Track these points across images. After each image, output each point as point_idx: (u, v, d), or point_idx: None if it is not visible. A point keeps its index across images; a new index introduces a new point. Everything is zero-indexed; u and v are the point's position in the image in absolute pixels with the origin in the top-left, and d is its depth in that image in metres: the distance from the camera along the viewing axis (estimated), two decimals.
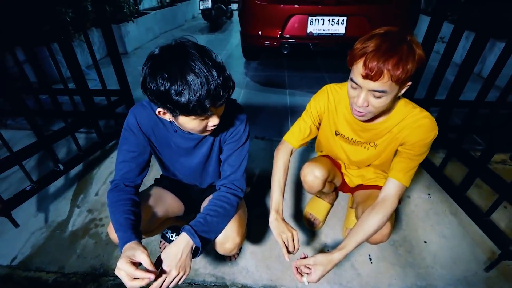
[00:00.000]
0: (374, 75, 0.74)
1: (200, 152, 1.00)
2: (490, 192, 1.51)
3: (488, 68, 1.31)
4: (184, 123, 0.78)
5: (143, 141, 0.95)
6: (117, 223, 0.83)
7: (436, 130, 0.91)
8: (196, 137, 0.95)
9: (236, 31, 5.16)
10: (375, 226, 0.89)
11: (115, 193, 0.90)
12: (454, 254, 1.31)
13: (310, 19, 2.39)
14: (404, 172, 0.94)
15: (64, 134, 1.51)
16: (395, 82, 0.75)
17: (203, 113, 0.72)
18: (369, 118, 0.90)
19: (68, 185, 1.70)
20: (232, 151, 0.97)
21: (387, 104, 0.83)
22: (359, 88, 0.81)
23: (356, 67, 0.78)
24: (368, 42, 0.76)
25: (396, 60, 0.72)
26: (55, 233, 1.47)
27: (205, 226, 0.86)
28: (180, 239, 0.82)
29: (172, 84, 0.67)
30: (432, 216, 1.45)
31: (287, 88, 2.80)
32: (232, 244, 0.95)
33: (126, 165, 0.94)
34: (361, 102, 0.82)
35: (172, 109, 0.71)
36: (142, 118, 0.92)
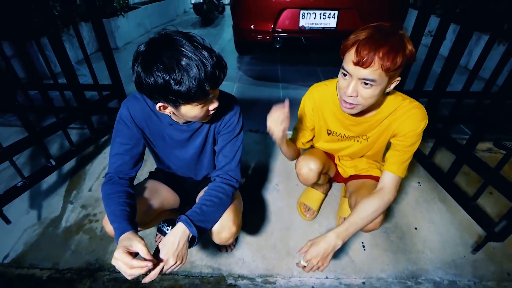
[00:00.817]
0: (365, 62, 0.75)
1: (195, 144, 1.01)
2: (476, 179, 1.56)
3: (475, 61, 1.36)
4: (186, 112, 0.78)
5: (137, 133, 0.94)
6: (112, 214, 0.83)
7: (426, 119, 0.94)
8: (190, 128, 0.95)
9: (229, 25, 5.13)
10: (370, 212, 0.92)
11: (110, 186, 0.90)
12: (443, 238, 1.35)
13: (302, 13, 2.40)
14: (398, 164, 0.97)
15: (55, 129, 1.48)
16: (385, 71, 0.77)
17: (205, 97, 0.74)
18: (357, 111, 0.90)
19: (61, 181, 1.68)
20: (226, 142, 0.98)
21: (375, 96, 0.84)
22: (349, 77, 0.83)
23: (348, 55, 0.80)
24: (361, 32, 0.78)
25: (387, 49, 0.74)
26: (48, 230, 1.45)
27: (201, 216, 0.87)
28: (177, 228, 0.83)
29: (170, 73, 0.67)
30: (422, 204, 1.50)
31: (280, 81, 2.81)
32: (228, 233, 0.96)
33: (120, 157, 0.94)
34: (351, 91, 0.83)
35: (174, 99, 0.72)
36: (135, 110, 0.91)
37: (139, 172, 1.02)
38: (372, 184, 1.14)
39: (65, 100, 1.78)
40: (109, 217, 0.84)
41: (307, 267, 0.90)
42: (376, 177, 1.18)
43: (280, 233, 1.41)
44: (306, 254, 0.90)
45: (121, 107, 0.92)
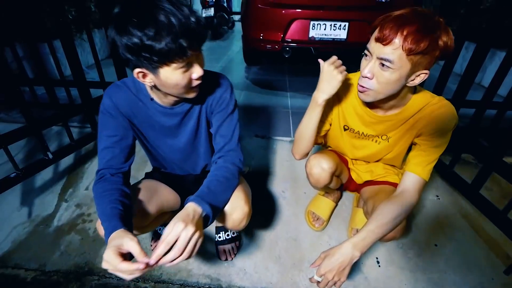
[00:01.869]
0: (386, 37, 0.69)
1: (186, 129, 0.93)
2: (501, 194, 1.45)
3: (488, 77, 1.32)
4: (167, 78, 0.70)
5: (124, 122, 0.86)
6: (103, 214, 0.74)
7: (456, 119, 0.85)
8: (179, 111, 0.87)
9: (238, 39, 5.22)
10: (390, 218, 0.81)
11: (101, 184, 0.81)
12: (467, 258, 1.22)
13: (312, 24, 2.39)
14: (423, 166, 0.87)
15: (56, 120, 1.43)
16: (406, 53, 0.69)
17: (183, 55, 0.66)
18: (371, 99, 0.82)
19: (58, 178, 1.60)
20: (222, 121, 0.90)
21: (392, 83, 0.76)
22: (369, 56, 0.76)
23: (373, 34, 0.74)
24: (395, 11, 0.72)
25: (414, 28, 0.67)
26: (38, 228, 1.37)
27: (211, 194, 0.78)
28: (187, 207, 0.72)
29: (144, 28, 0.61)
30: (442, 219, 1.38)
31: (288, 91, 2.77)
32: (241, 213, 0.87)
33: (109, 151, 0.85)
34: (366, 71, 0.76)
35: (149, 58, 0.64)
36: (119, 98, 0.83)
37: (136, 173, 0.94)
38: (390, 189, 1.03)
39: (71, 98, 1.75)
40: (100, 217, 0.75)
41: (321, 282, 0.79)
42: (394, 183, 1.08)
43: (286, 243, 1.29)
44: (320, 268, 0.80)
45: (103, 97, 0.85)
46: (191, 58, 0.69)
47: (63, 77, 1.62)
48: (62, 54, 1.52)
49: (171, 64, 0.67)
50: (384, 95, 0.80)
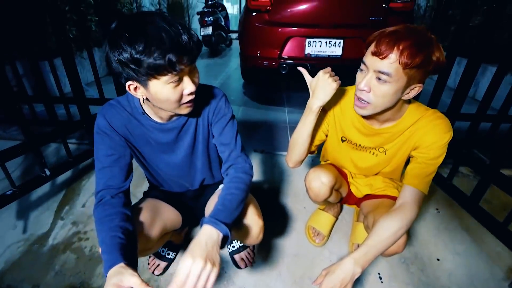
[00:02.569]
0: (383, 52, 0.71)
1: (184, 144, 0.92)
2: (501, 206, 1.45)
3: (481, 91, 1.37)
4: (157, 92, 0.70)
5: (120, 141, 0.85)
6: (103, 243, 0.71)
7: (451, 132, 0.86)
8: (175, 126, 0.87)
9: (235, 56, 5.32)
10: (391, 232, 0.81)
11: (101, 208, 0.78)
12: (471, 272, 1.20)
13: (308, 41, 2.46)
14: (420, 178, 0.88)
15: (54, 137, 1.42)
16: (402, 67, 0.72)
17: (172, 69, 0.65)
18: (368, 112, 0.84)
19: (54, 195, 1.58)
20: (222, 128, 0.90)
21: (389, 96, 0.78)
22: (365, 70, 0.78)
23: (369, 47, 0.77)
24: (389, 27, 0.75)
25: (409, 43, 0.70)
26: (33, 247, 1.33)
27: (226, 212, 0.77)
28: (202, 231, 0.71)
29: (134, 42, 0.62)
30: (443, 232, 1.36)
31: (285, 106, 2.80)
32: (258, 228, 0.90)
33: (107, 171, 0.83)
34: (363, 85, 0.78)
35: (138, 72, 0.64)
36: (113, 117, 0.82)
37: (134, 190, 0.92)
38: (390, 203, 1.03)
39: (70, 115, 1.76)
40: (100, 246, 0.72)
41: None
42: (394, 197, 1.07)
43: (287, 260, 1.27)
44: (321, 285, 0.79)
45: (96, 117, 0.83)
46: (182, 73, 0.69)
47: (62, 94, 1.64)
48: (62, 72, 1.54)
49: (160, 78, 0.67)
50: (381, 109, 0.82)
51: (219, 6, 6.04)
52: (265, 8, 2.45)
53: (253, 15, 2.50)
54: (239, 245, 1.23)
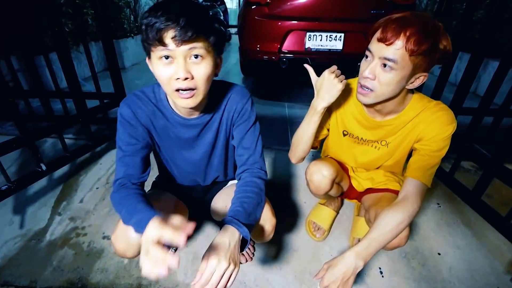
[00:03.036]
0: (389, 38, 0.70)
1: (204, 141, 0.90)
2: (502, 201, 1.44)
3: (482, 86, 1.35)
4: (152, 66, 0.70)
5: (143, 132, 0.83)
6: (131, 211, 0.70)
7: (454, 123, 0.84)
8: (199, 123, 0.85)
9: (234, 51, 5.27)
10: (393, 225, 0.80)
11: (123, 191, 0.77)
12: (471, 266, 1.20)
13: (308, 35, 2.43)
14: (423, 171, 0.86)
15: (50, 131, 1.40)
16: (408, 54, 0.70)
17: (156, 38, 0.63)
18: (371, 101, 0.82)
19: (51, 191, 1.56)
20: (245, 132, 0.88)
21: (393, 84, 0.76)
22: (371, 57, 0.77)
23: (375, 35, 0.75)
24: (396, 14, 0.73)
25: (416, 30, 0.69)
26: (30, 243, 1.31)
27: (246, 214, 0.77)
28: (224, 230, 0.71)
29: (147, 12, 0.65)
30: (444, 227, 1.36)
31: (285, 101, 2.78)
32: (271, 226, 0.90)
33: (129, 159, 0.81)
34: (368, 72, 0.76)
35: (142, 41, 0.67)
36: (138, 108, 0.81)
37: None
38: (392, 197, 1.01)
39: (66, 109, 1.73)
40: (127, 215, 0.70)
41: None
42: (396, 190, 1.06)
43: (287, 254, 1.26)
44: (323, 279, 0.78)
45: (120, 107, 0.82)
46: (172, 52, 0.65)
47: (58, 89, 1.61)
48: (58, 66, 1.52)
49: (154, 50, 0.66)
50: (384, 97, 0.80)
51: (218, 0, 5.98)
52: (264, 1, 2.41)
53: (252, 8, 2.47)
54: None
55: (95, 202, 1.50)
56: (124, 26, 3.87)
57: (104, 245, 1.28)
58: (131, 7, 4.20)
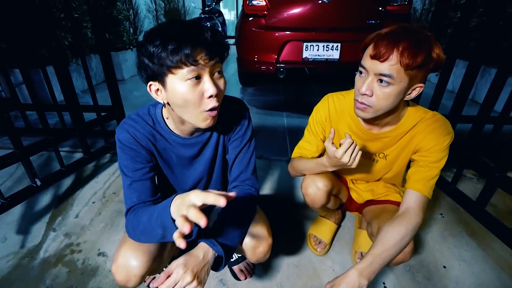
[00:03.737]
0: (383, 54, 0.69)
1: (204, 158, 0.89)
2: (507, 210, 1.41)
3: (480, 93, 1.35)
4: (174, 91, 0.65)
5: (146, 154, 0.80)
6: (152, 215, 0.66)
7: (452, 134, 0.84)
8: (198, 141, 0.84)
9: (232, 61, 5.31)
10: (397, 240, 0.77)
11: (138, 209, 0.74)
12: (479, 280, 1.16)
13: (305, 45, 2.44)
14: (423, 182, 0.84)
15: (45, 146, 1.38)
16: (404, 68, 0.69)
17: (186, 59, 0.61)
18: (370, 115, 0.81)
19: (46, 206, 1.53)
20: (240, 149, 0.87)
21: (391, 98, 0.75)
22: (365, 74, 0.75)
23: (366, 50, 0.74)
24: (384, 28, 0.73)
25: (408, 44, 0.68)
26: (23, 261, 1.27)
27: (225, 233, 0.75)
28: (199, 246, 0.71)
29: (153, 38, 0.62)
30: (448, 238, 1.32)
31: (284, 111, 2.77)
32: (266, 246, 0.86)
33: (139, 185, 0.77)
34: (365, 89, 0.75)
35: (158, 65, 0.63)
36: (136, 131, 0.78)
37: None
38: (394, 209, 0.99)
39: (63, 122, 1.72)
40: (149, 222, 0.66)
41: None
42: (397, 202, 1.04)
43: (287, 270, 1.22)
44: None
45: (117, 133, 0.78)
46: (202, 71, 0.64)
47: (55, 102, 1.60)
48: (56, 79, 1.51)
49: (176, 72, 0.63)
50: (383, 111, 0.79)
51: (216, 12, 6.07)
52: (261, 12, 2.44)
53: (249, 20, 2.49)
54: (237, 256, 1.18)
55: (91, 217, 1.47)
56: (124, 39, 3.90)
57: (99, 262, 1.25)
58: (130, 20, 4.26)
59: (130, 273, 0.75)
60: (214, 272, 1.18)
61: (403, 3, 2.37)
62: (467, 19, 1.38)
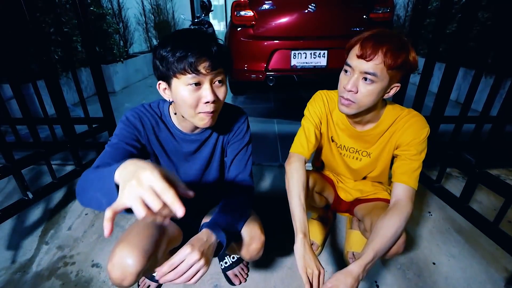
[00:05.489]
0: (369, 54, 0.76)
1: (201, 156, 0.94)
2: (491, 206, 1.46)
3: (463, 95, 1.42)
4: (176, 92, 0.74)
5: (143, 138, 0.86)
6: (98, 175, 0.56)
7: (427, 127, 0.91)
8: (199, 138, 0.90)
9: None
10: (393, 231, 0.82)
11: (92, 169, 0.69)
12: (467, 274, 1.19)
13: (293, 53, 2.51)
14: (408, 174, 0.90)
15: (37, 158, 1.38)
16: (386, 68, 0.76)
17: (190, 67, 0.69)
18: (354, 111, 0.86)
19: (38, 219, 1.52)
20: (237, 151, 0.93)
21: (374, 95, 0.81)
22: (351, 72, 0.82)
23: (352, 51, 0.81)
24: (365, 32, 0.80)
25: (391, 46, 0.76)
26: (15, 276, 1.26)
27: (227, 221, 0.80)
28: (202, 232, 0.75)
29: (165, 44, 0.71)
30: (437, 235, 1.36)
31: (275, 117, 2.82)
32: (259, 243, 0.89)
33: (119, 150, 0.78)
34: (350, 86, 0.81)
35: (166, 68, 0.71)
36: (144, 115, 0.86)
37: None
38: (384, 205, 1.03)
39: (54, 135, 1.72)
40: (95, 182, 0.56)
41: None
42: (386, 199, 1.08)
43: (281, 272, 1.24)
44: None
45: (126, 113, 0.86)
46: (202, 79, 0.72)
47: (46, 115, 1.61)
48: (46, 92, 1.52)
49: (180, 77, 0.71)
50: (365, 107, 0.85)
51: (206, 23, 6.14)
52: (249, 23, 2.50)
53: (238, 30, 2.55)
54: (231, 261, 1.20)
55: (84, 229, 1.47)
56: (114, 52, 3.93)
57: (92, 274, 1.24)
58: (120, 33, 4.30)
59: (125, 271, 0.76)
60: (209, 277, 1.20)
61: (385, 11, 2.47)
62: (442, 25, 1.46)
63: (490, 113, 1.47)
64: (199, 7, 6.85)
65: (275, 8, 2.47)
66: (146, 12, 5.49)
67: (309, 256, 0.82)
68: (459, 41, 1.35)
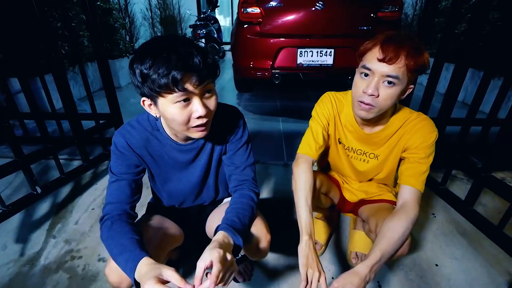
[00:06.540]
0: (391, 57, 0.75)
1: (200, 164, 0.93)
2: (496, 209, 1.46)
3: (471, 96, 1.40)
4: (164, 111, 0.69)
5: (136, 161, 0.86)
6: (119, 246, 0.71)
7: (436, 131, 0.91)
8: (193, 147, 0.88)
9: (229, 68, 5.37)
10: (400, 233, 0.82)
11: (109, 224, 0.78)
12: (469, 277, 1.19)
13: (299, 51, 2.50)
14: (416, 177, 0.90)
15: (45, 154, 1.40)
16: (408, 70, 0.77)
17: (175, 86, 0.63)
18: (373, 115, 0.86)
19: (46, 213, 1.55)
20: (235, 150, 0.92)
21: (394, 98, 0.81)
22: (371, 75, 0.80)
23: (370, 54, 0.80)
24: (379, 35, 0.80)
25: (411, 47, 0.75)
26: (23, 269, 1.29)
27: (241, 225, 0.80)
28: (220, 235, 0.74)
29: (144, 59, 0.64)
30: (440, 237, 1.36)
31: (280, 116, 2.82)
32: (266, 242, 0.89)
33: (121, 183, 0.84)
34: (372, 90, 0.79)
35: (149, 88, 0.65)
36: (132, 138, 0.83)
37: None
38: (389, 207, 1.03)
39: (62, 130, 1.74)
40: (114, 250, 0.71)
41: None
42: (391, 201, 1.08)
43: (285, 272, 1.25)
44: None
45: (114, 135, 0.85)
46: (191, 94, 0.67)
47: (54, 110, 1.62)
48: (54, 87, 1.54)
49: (166, 96, 0.66)
50: (384, 110, 0.85)
51: (212, 19, 6.14)
52: (256, 20, 2.49)
53: (244, 27, 2.54)
54: (236, 259, 1.21)
55: (91, 224, 1.49)
56: (120, 47, 3.94)
57: (99, 268, 1.26)
58: (126, 28, 4.31)
59: (122, 276, 0.76)
60: None
61: (394, 9, 2.44)
62: (453, 25, 1.44)
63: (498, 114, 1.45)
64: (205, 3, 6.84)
65: (282, 5, 2.46)
66: (152, 7, 5.49)
67: (312, 257, 0.83)
68: (469, 42, 1.33)
